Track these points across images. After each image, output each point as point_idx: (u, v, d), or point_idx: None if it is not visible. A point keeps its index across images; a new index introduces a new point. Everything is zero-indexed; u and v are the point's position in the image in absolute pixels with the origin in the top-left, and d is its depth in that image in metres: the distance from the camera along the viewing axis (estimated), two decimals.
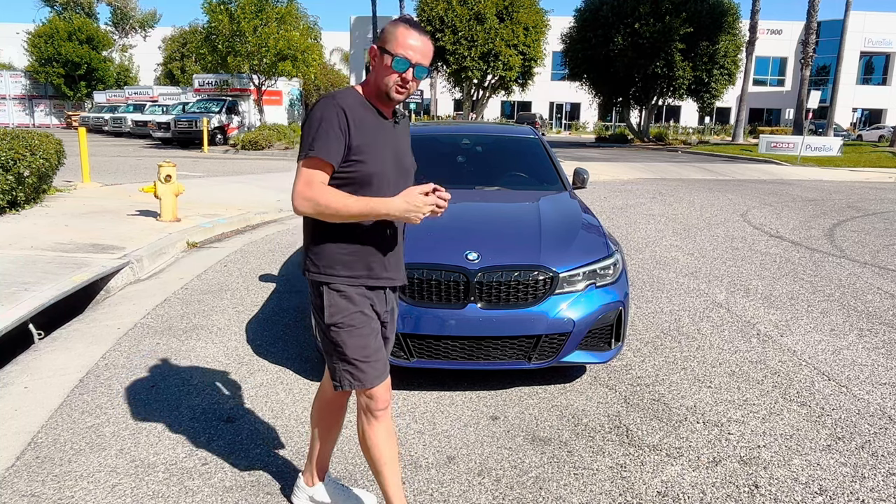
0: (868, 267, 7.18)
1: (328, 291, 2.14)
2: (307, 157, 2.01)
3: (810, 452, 3.09)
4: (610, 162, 22.16)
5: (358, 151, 2.05)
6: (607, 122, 52.74)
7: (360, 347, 2.15)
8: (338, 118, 2.01)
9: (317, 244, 2.15)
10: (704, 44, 32.83)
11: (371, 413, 2.22)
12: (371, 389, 2.18)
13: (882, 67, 53.03)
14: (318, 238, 2.15)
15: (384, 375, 2.22)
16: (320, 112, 2.02)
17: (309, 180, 2.03)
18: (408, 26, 2.05)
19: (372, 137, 2.08)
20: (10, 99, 44.29)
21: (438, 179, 2.28)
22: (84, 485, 2.70)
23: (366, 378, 2.16)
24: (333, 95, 2.07)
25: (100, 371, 3.86)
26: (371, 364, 2.17)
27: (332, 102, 2.04)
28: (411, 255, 3.50)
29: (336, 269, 2.14)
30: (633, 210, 11.14)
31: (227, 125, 26.95)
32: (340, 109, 2.02)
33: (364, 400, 2.22)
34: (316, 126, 2.01)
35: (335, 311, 2.14)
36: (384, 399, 2.21)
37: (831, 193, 14.40)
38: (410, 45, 2.03)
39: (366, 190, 2.09)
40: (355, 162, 2.06)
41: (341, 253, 2.13)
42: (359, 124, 2.05)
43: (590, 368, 4.03)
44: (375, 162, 2.09)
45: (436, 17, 30.82)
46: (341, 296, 2.14)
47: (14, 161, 7.92)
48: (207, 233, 7.98)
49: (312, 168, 2.03)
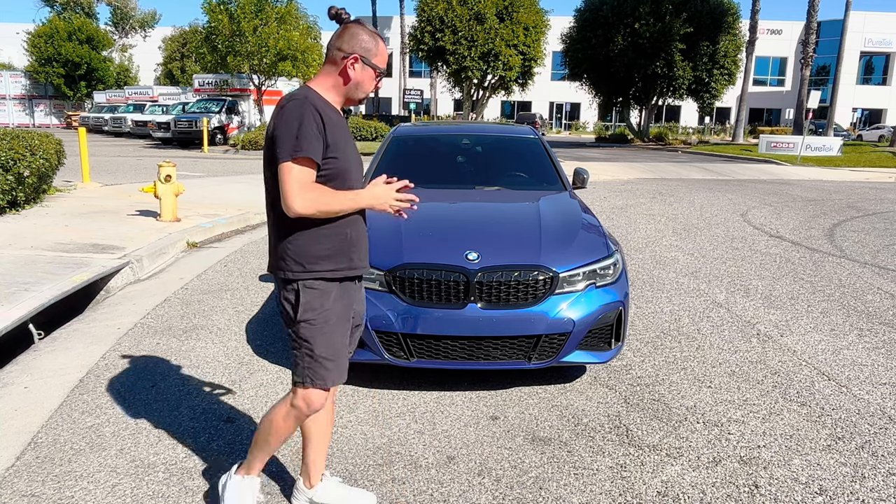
0: (868, 267, 7.18)
1: (304, 288, 2.18)
2: (297, 158, 2.04)
3: (810, 452, 3.09)
4: (610, 162, 22.16)
5: (334, 149, 2.12)
6: (607, 122, 52.75)
7: (329, 345, 2.20)
8: (314, 118, 2.06)
9: (298, 242, 2.17)
10: (704, 44, 32.84)
11: (300, 412, 2.26)
12: (322, 391, 2.23)
13: (882, 67, 53.04)
14: (300, 235, 2.16)
15: (343, 377, 2.28)
16: (298, 114, 2.06)
17: (305, 180, 2.06)
18: (379, 38, 2.23)
19: (339, 134, 2.16)
20: (9, 99, 44.29)
21: (438, 179, 2.30)
22: (84, 485, 2.70)
23: (329, 377, 2.21)
24: (305, 96, 2.11)
25: (100, 371, 3.86)
26: (336, 363, 2.22)
27: (306, 103, 2.09)
28: (411, 255, 3.52)
29: (319, 264, 2.17)
30: (633, 210, 11.14)
31: (227, 125, 26.96)
32: (315, 109, 2.08)
33: (304, 401, 2.23)
34: (296, 127, 2.04)
35: (310, 306, 2.17)
36: (321, 405, 2.27)
37: (831, 193, 14.40)
38: (384, 58, 2.24)
39: (339, 184, 2.16)
40: (332, 159, 2.13)
41: (325, 248, 2.17)
42: (329, 123, 2.11)
43: (590, 368, 4.03)
44: (346, 157, 2.18)
45: (436, 17, 30.79)
46: (317, 292, 2.18)
47: (14, 161, 7.92)
48: (207, 233, 7.98)
49: (305, 167, 2.06)
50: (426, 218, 4.21)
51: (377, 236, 3.68)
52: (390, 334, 3.42)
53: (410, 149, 5.55)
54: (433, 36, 31.04)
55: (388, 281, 3.46)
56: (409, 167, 5.21)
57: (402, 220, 4.15)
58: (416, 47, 32.90)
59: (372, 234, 3.67)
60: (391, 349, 3.46)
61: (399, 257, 3.50)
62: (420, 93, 31.98)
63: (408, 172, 5.09)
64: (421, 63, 41.04)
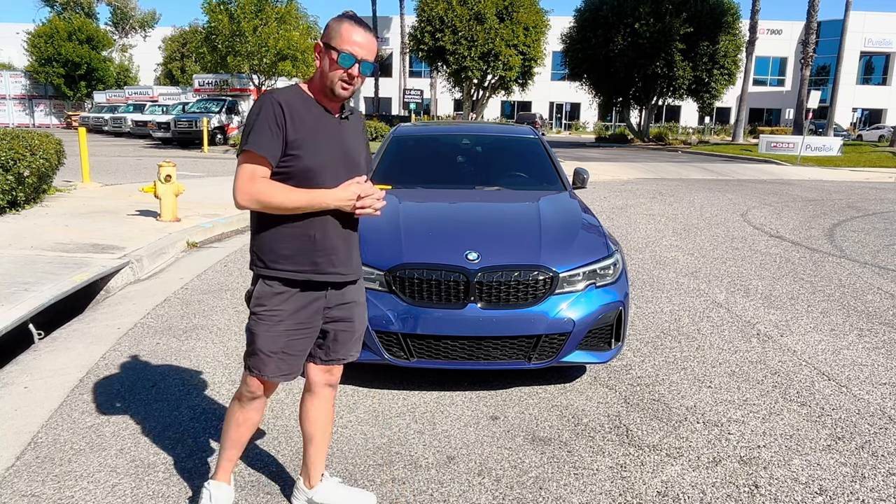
0: (868, 267, 7.18)
1: (261, 283, 2.19)
2: (245, 151, 2.04)
3: (810, 452, 3.09)
4: (610, 162, 22.16)
5: (295, 146, 2.06)
6: (607, 122, 52.74)
7: (271, 342, 2.19)
8: (274, 113, 2.02)
9: (260, 238, 2.17)
10: (704, 44, 32.85)
11: (241, 393, 2.32)
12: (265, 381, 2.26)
13: (882, 67, 53.02)
14: (262, 232, 2.16)
15: (288, 376, 2.27)
16: (258, 107, 2.06)
17: (250, 174, 2.04)
18: (352, 23, 2.06)
19: (310, 132, 2.09)
20: (9, 99, 44.27)
21: (438, 179, 2.29)
22: (84, 485, 2.70)
23: (266, 370, 2.23)
24: (272, 92, 2.09)
25: (100, 371, 3.86)
26: (275, 360, 2.21)
27: (269, 98, 2.06)
28: (411, 255, 3.52)
29: (279, 263, 2.16)
30: (633, 210, 11.14)
31: (226, 125, 26.95)
32: (277, 104, 2.03)
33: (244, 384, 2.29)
34: (252, 121, 2.04)
35: (260, 301, 2.18)
36: (261, 390, 2.29)
37: (831, 193, 14.40)
38: (356, 42, 2.04)
39: (307, 185, 2.09)
40: (291, 157, 2.07)
41: (284, 247, 2.15)
42: (296, 119, 2.06)
43: (590, 368, 4.03)
44: (314, 156, 2.09)
45: (436, 17, 30.80)
46: (272, 290, 2.18)
47: (14, 161, 7.92)
48: (207, 233, 7.98)
49: (250, 162, 2.04)
50: (426, 218, 4.21)
51: (377, 237, 3.68)
52: (390, 334, 3.42)
53: (410, 149, 5.55)
54: (433, 36, 31.04)
55: (387, 281, 3.46)
56: (409, 167, 5.21)
57: (401, 219, 4.15)
58: (416, 47, 32.91)
59: (371, 235, 3.68)
60: (391, 349, 3.46)
61: (399, 257, 3.50)
62: (420, 93, 31.95)
63: (408, 172, 5.15)
64: (421, 63, 41.04)
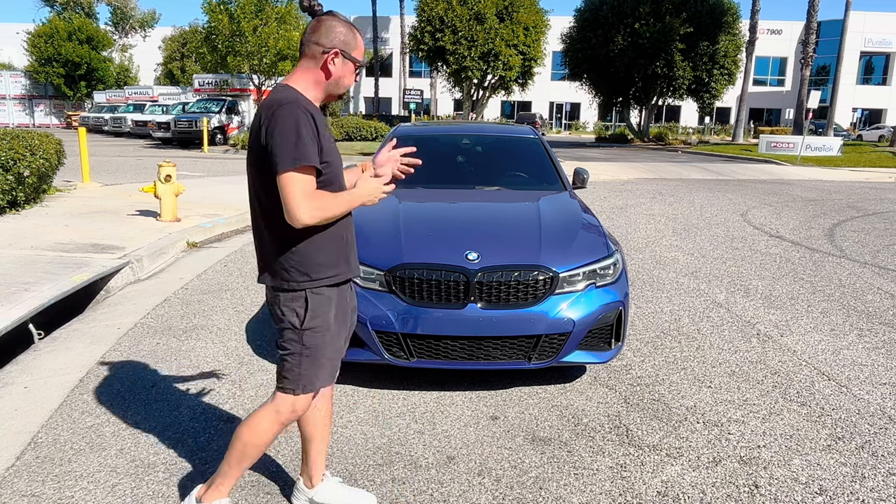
0: (868, 267, 7.18)
1: (312, 295, 2.15)
2: (298, 167, 1.96)
3: (810, 452, 3.09)
4: (610, 162, 22.16)
5: (327, 153, 2.07)
6: (607, 122, 52.74)
7: (333, 348, 2.24)
8: (309, 123, 2.00)
9: (298, 253, 2.11)
10: (704, 44, 32.84)
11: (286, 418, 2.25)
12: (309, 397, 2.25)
13: (882, 67, 53.02)
14: (297, 245, 2.10)
15: (333, 378, 2.33)
16: (294, 119, 1.96)
17: (310, 190, 2.00)
18: (357, 31, 2.19)
19: (328, 137, 2.11)
20: (9, 99, 44.28)
21: (438, 179, 2.30)
22: (84, 485, 2.70)
23: (322, 376, 2.24)
24: (295, 99, 2.02)
25: (100, 371, 3.86)
26: (330, 365, 2.26)
27: (299, 107, 1.99)
28: (411, 255, 3.52)
29: (323, 271, 2.15)
30: (633, 210, 11.14)
31: (227, 125, 26.96)
32: (308, 114, 2.00)
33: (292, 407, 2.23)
34: (294, 134, 1.95)
35: (316, 313, 2.16)
36: (310, 404, 2.30)
37: (831, 193, 14.40)
38: (362, 50, 2.20)
39: (332, 188, 2.12)
40: (326, 164, 2.08)
41: (324, 254, 2.14)
42: (319, 125, 2.06)
43: (590, 368, 4.03)
44: (335, 160, 2.14)
45: (436, 17, 30.78)
46: (324, 298, 2.18)
47: (14, 161, 7.92)
48: (207, 233, 7.98)
49: (308, 176, 1.99)
50: (426, 217, 4.21)
51: (377, 237, 3.68)
52: (390, 334, 3.42)
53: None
54: (433, 36, 31.02)
55: (387, 281, 3.46)
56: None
57: (401, 219, 4.15)
58: (416, 47, 32.89)
59: (372, 234, 3.69)
60: (391, 349, 3.46)
61: (399, 257, 3.50)
62: (420, 93, 31.96)
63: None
64: (421, 63, 41.02)
